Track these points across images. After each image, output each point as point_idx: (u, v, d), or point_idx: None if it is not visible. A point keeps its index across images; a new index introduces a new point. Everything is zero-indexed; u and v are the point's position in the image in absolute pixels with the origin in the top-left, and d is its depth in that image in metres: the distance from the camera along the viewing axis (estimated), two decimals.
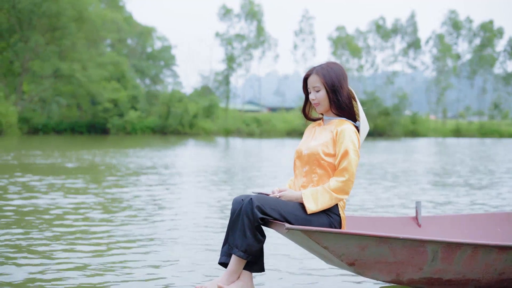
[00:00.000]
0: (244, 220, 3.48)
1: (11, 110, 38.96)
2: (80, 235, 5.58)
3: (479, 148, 30.47)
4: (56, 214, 6.78)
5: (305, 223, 3.52)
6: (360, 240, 3.38)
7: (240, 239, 3.49)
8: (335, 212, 3.62)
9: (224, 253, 3.65)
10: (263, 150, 26.22)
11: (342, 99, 3.71)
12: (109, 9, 51.11)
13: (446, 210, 7.64)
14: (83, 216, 6.69)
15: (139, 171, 12.88)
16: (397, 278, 3.59)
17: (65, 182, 10.30)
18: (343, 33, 70.96)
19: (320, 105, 3.75)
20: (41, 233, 5.62)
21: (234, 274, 3.56)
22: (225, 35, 64.89)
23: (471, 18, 72.60)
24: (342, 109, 3.72)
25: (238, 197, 3.65)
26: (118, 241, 5.39)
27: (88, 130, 47.20)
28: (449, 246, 3.47)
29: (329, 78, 3.69)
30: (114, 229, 5.95)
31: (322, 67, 3.74)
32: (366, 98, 60.11)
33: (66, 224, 6.16)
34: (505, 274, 3.64)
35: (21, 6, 42.42)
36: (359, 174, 13.01)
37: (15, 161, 15.23)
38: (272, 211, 3.48)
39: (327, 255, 3.49)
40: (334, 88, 3.69)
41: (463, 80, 73.45)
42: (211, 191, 9.51)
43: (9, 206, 7.32)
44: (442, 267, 3.53)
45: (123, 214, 6.88)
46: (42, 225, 6.05)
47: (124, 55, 53.75)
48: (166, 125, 50.07)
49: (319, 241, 3.35)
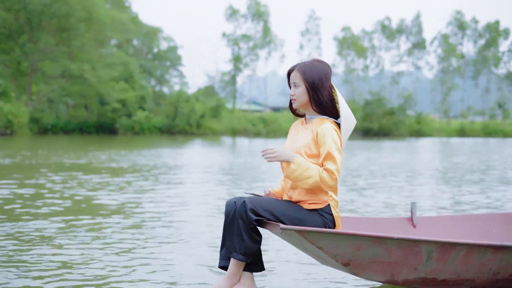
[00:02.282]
0: (240, 223, 3.49)
1: (23, 110, 39.29)
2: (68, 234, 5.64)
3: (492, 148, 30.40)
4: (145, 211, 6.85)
5: (298, 223, 3.53)
6: (355, 240, 3.38)
7: (237, 242, 3.51)
8: (328, 211, 3.62)
9: (223, 257, 3.67)
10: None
11: (323, 97, 3.67)
12: (116, 10, 51.30)
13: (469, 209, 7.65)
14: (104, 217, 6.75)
15: (172, 170, 12.95)
16: (392, 278, 3.60)
17: (121, 180, 10.48)
18: (349, 34, 70.97)
19: (297, 101, 3.73)
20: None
21: (234, 277, 3.59)
22: (232, 36, 64.98)
23: (477, 19, 72.49)
24: (323, 107, 3.69)
25: (231, 199, 3.67)
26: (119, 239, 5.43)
27: (96, 130, 47.42)
28: (444, 246, 3.48)
29: (309, 76, 3.67)
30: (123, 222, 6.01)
31: (305, 64, 3.72)
32: (371, 98, 60.10)
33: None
34: (499, 274, 3.65)
35: (31, 7, 42.69)
36: (372, 174, 13.02)
37: (48, 161, 15.61)
38: (265, 213, 3.50)
39: (322, 255, 3.50)
40: (314, 86, 3.67)
41: (467, 80, 73.41)
42: (228, 188, 9.57)
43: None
44: (437, 267, 3.54)
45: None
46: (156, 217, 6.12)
47: (130, 55, 53.96)
48: (174, 125, 50.23)
49: (314, 241, 3.36)
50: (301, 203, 3.63)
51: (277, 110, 72.44)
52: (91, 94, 46.51)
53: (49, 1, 42.53)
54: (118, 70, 47.72)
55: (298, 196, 3.65)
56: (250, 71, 66.65)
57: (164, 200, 8.26)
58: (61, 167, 13.60)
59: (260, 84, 73.30)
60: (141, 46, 59.54)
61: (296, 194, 3.65)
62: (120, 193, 9.00)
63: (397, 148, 28.88)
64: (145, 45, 59.59)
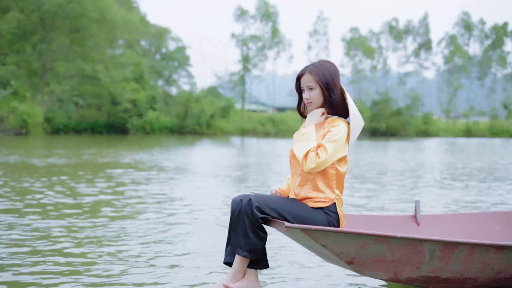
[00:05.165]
0: (245, 221, 3.54)
1: (37, 110, 39.61)
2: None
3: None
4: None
5: (303, 221, 3.57)
6: (358, 239, 3.42)
7: (243, 239, 3.56)
8: (333, 210, 3.66)
9: (228, 253, 3.72)
10: (277, 148, 26.25)
11: (336, 97, 3.73)
12: (124, 10, 51.54)
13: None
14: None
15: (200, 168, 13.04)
16: (395, 276, 3.63)
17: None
18: (357, 34, 70.93)
19: (313, 104, 3.78)
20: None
21: (239, 273, 3.63)
22: (241, 36, 65.08)
23: (484, 20, 72.34)
24: (335, 107, 3.75)
25: (237, 197, 3.71)
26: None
27: (107, 130, 47.66)
28: (447, 245, 3.51)
29: (323, 77, 3.72)
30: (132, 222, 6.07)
31: (315, 66, 3.76)
32: (379, 99, 60.07)
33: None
34: (502, 273, 3.68)
35: (45, 8, 43.00)
36: (389, 175, 13.04)
37: (78, 160, 16.10)
38: (271, 211, 3.54)
39: (326, 253, 3.54)
40: (328, 86, 3.72)
41: (473, 80, 73.30)
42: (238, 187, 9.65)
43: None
44: (439, 266, 3.57)
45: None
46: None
47: (140, 56, 54.21)
48: (184, 125, 50.38)
49: (318, 240, 3.41)
50: (307, 200, 3.68)
51: (282, 110, 72.45)
52: (103, 94, 46.82)
53: (63, 2, 42.89)
54: (130, 70, 48.06)
55: (305, 193, 3.69)
56: (259, 71, 66.74)
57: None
58: (129, 166, 14.28)
59: (269, 84, 73.35)
60: (149, 47, 59.70)
61: (304, 191, 3.69)
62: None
63: (404, 148, 28.84)
64: (153, 45, 59.76)
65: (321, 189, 3.66)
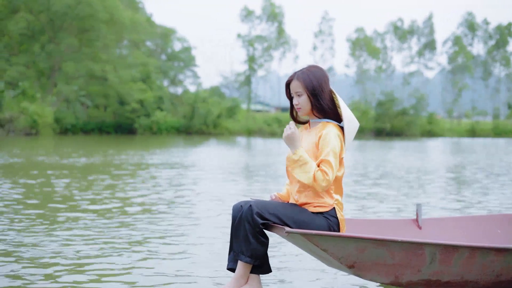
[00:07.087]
0: (246, 227, 3.58)
1: (47, 111, 39.80)
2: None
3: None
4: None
5: (303, 226, 3.60)
6: (359, 243, 3.45)
7: (244, 245, 3.60)
8: (333, 214, 3.69)
9: (231, 259, 3.75)
10: (282, 149, 26.29)
11: (324, 102, 3.74)
12: (129, 11, 51.69)
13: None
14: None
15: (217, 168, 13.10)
16: (396, 280, 3.66)
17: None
18: (362, 35, 70.92)
19: (302, 109, 3.79)
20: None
21: (241, 279, 3.67)
22: (247, 37, 65.17)
23: (488, 20, 72.23)
24: (325, 112, 3.76)
25: (237, 203, 3.74)
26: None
27: (115, 130, 47.86)
28: (447, 249, 3.54)
29: (309, 83, 3.73)
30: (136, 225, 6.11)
31: (302, 72, 3.78)
32: (384, 99, 60.06)
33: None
34: (502, 276, 3.69)
35: (55, 9, 43.18)
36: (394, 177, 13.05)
37: (103, 160, 16.46)
38: (271, 216, 3.58)
39: (327, 257, 3.57)
40: (314, 92, 3.73)
41: (477, 80, 73.19)
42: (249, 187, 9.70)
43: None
44: (440, 269, 3.59)
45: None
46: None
47: (147, 56, 54.38)
48: (191, 125, 50.50)
49: (318, 244, 3.44)
50: (307, 205, 3.70)
51: (286, 110, 72.49)
52: (110, 95, 47.01)
53: (72, 3, 43.08)
54: (139, 71, 48.26)
55: (304, 198, 3.71)
56: (264, 71, 66.83)
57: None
58: (147, 165, 14.60)
59: (274, 84, 73.38)
60: (155, 47, 59.81)
61: (303, 197, 3.72)
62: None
63: (409, 148, 28.81)
64: (158, 46, 59.88)
65: (319, 195, 3.69)
